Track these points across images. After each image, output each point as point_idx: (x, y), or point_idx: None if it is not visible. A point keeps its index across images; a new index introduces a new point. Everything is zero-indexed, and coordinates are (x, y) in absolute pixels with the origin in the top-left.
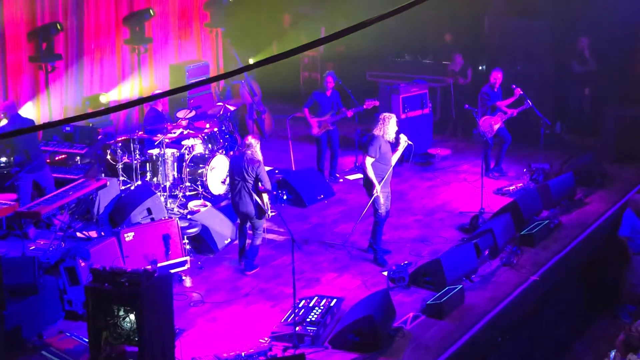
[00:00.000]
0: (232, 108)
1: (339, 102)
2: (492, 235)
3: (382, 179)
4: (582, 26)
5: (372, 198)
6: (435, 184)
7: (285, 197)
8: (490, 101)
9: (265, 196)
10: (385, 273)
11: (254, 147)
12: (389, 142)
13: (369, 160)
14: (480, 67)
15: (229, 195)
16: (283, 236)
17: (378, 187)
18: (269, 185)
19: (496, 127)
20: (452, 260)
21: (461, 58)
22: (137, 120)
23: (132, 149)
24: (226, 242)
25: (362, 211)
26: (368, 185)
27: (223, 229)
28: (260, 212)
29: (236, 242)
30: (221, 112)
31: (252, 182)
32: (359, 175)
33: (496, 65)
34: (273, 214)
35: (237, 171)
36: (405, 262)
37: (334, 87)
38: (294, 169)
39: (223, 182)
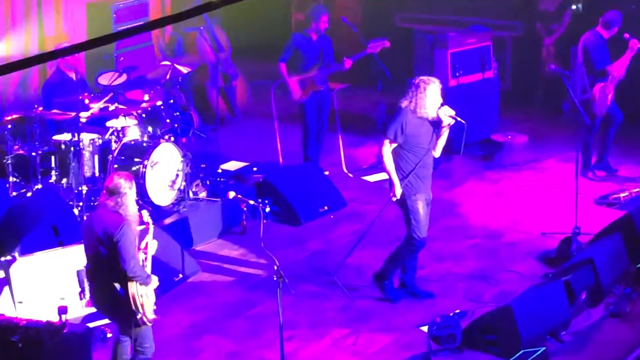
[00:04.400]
0: (185, 70)
1: (329, 50)
2: (592, 269)
3: (411, 175)
4: None
5: (386, 205)
6: (504, 189)
7: (268, 209)
8: (600, 61)
9: (137, 287)
10: (425, 328)
11: (123, 192)
12: (427, 119)
13: (387, 147)
14: (574, 6)
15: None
16: (264, 270)
17: (398, 187)
18: (133, 268)
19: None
20: (530, 309)
21: None
22: (35, 90)
23: (28, 134)
24: (176, 279)
25: (373, 223)
26: (390, 183)
27: (171, 259)
28: (127, 313)
29: (194, 278)
30: (168, 77)
31: (108, 258)
32: (383, 175)
33: (604, 5)
34: (151, 320)
35: (89, 240)
36: (457, 310)
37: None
38: (282, 163)
39: (172, 186)
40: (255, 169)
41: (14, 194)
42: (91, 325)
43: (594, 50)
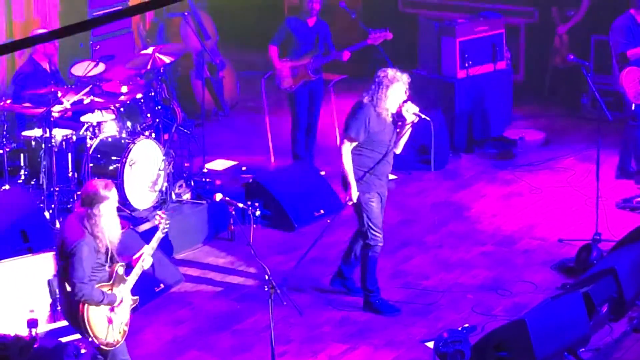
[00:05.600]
0: (167, 60)
1: (327, 36)
2: (614, 279)
3: (368, 174)
4: None
5: (346, 205)
6: (517, 191)
7: (258, 212)
8: (622, 44)
9: (88, 308)
10: (431, 344)
11: (99, 202)
12: (388, 117)
13: (347, 146)
14: None
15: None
16: (255, 280)
17: (354, 190)
18: (80, 291)
19: None
20: (546, 323)
21: None
22: (2, 82)
23: None
24: (157, 289)
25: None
26: (345, 183)
27: (151, 267)
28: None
29: (176, 288)
30: (149, 67)
31: (62, 270)
32: (390, 176)
33: None
34: (107, 343)
35: (58, 248)
36: (465, 325)
37: (319, 15)
38: (273, 163)
39: (152, 187)
40: (244, 168)
41: None
42: (64, 340)
43: (619, 33)
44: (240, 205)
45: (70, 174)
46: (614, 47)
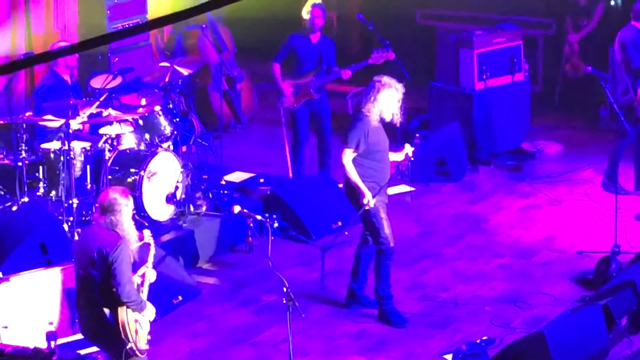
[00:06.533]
0: (185, 72)
1: (331, 54)
2: (634, 291)
3: (370, 183)
4: None
5: (362, 211)
6: (535, 203)
7: (276, 224)
8: (638, 58)
9: (128, 313)
10: (449, 357)
11: (119, 209)
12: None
13: (348, 156)
14: (612, 2)
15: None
16: (272, 292)
17: (367, 192)
18: (128, 293)
19: None
20: (565, 336)
21: None
22: (21, 94)
23: (14, 142)
24: (175, 301)
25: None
26: (352, 193)
27: (170, 279)
28: (116, 342)
29: (194, 301)
30: (167, 79)
31: (100, 280)
32: (403, 188)
33: None
34: (143, 350)
35: (80, 259)
36: (484, 337)
37: (322, 28)
38: (291, 176)
39: (170, 200)
40: (262, 180)
41: None
42: (82, 352)
43: (632, 46)
44: (258, 217)
45: (88, 186)
46: (629, 62)
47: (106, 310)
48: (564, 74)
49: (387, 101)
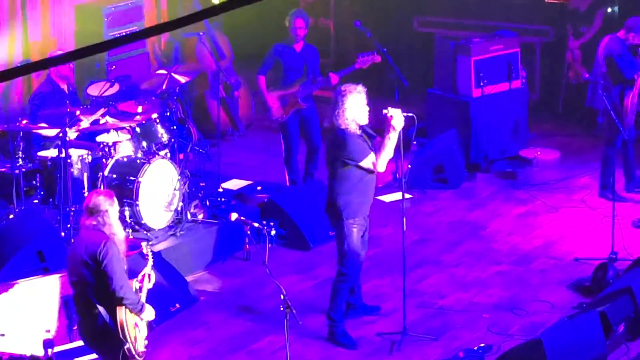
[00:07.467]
0: (183, 79)
1: (315, 62)
2: (631, 298)
3: (353, 194)
4: None
5: (337, 231)
6: (533, 210)
7: (274, 232)
8: (629, 69)
9: (127, 313)
10: None
11: (104, 210)
12: (364, 129)
13: (368, 163)
14: (609, 9)
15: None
16: (270, 300)
17: (398, 114)
18: (122, 289)
19: None
20: (562, 343)
21: None
22: (18, 101)
23: (10, 150)
24: (173, 309)
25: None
26: (332, 209)
27: (167, 287)
28: (114, 346)
29: (192, 308)
30: (164, 87)
31: (93, 281)
32: (399, 195)
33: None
34: (141, 353)
35: (72, 265)
36: (481, 344)
37: (304, 37)
38: (288, 182)
39: (168, 207)
40: (259, 188)
41: None
42: None
43: (620, 58)
44: (256, 224)
45: (86, 194)
46: (621, 74)
47: (102, 311)
48: (567, 79)
49: (356, 106)
